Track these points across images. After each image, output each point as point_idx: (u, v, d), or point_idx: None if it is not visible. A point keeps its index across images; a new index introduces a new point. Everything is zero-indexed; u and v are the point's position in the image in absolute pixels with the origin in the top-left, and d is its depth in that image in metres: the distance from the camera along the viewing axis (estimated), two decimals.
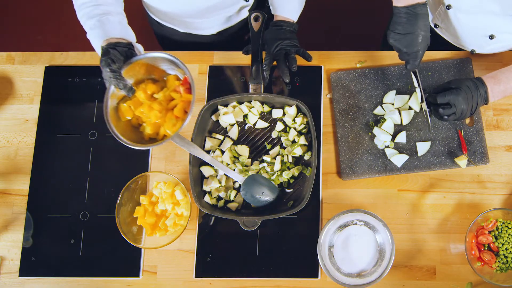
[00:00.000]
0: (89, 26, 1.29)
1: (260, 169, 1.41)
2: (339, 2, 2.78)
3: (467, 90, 1.29)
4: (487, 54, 1.51)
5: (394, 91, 1.46)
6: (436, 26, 1.50)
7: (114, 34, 1.27)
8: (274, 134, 1.45)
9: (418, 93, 1.39)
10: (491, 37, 1.39)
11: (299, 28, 1.47)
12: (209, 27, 1.60)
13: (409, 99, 1.45)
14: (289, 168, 1.42)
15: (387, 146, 1.43)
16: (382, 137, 1.42)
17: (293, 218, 1.41)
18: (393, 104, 1.46)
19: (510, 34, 1.38)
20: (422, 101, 1.38)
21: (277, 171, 1.41)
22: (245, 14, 1.61)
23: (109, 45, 1.23)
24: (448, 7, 1.38)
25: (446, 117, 1.31)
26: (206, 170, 1.42)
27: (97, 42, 1.27)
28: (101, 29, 1.27)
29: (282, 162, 1.41)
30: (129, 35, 1.31)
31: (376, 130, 1.43)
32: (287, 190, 1.42)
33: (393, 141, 1.43)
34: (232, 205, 1.40)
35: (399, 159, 1.41)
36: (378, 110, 1.46)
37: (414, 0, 1.22)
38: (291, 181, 1.42)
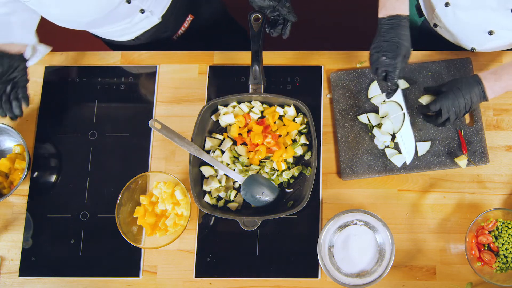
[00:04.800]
0: None
1: (260, 169, 1.41)
2: (339, 2, 2.78)
3: (458, 92, 1.29)
4: (487, 54, 1.51)
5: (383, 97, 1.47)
6: (435, 25, 1.50)
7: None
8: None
9: (406, 117, 1.38)
10: (490, 33, 1.39)
11: (299, 28, 1.47)
12: (120, 35, 1.55)
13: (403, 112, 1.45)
14: (289, 168, 1.42)
15: (387, 146, 1.43)
16: (382, 137, 1.42)
17: (293, 218, 1.41)
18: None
19: (509, 30, 1.38)
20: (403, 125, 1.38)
21: (277, 171, 1.41)
22: (152, 20, 1.54)
23: None
24: (447, 4, 1.38)
25: (441, 123, 1.34)
26: (206, 170, 1.42)
27: None
28: None
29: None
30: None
31: (375, 131, 1.43)
32: (287, 190, 1.42)
33: (393, 141, 1.43)
34: (232, 205, 1.40)
35: (399, 159, 1.41)
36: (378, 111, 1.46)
37: (394, 11, 1.26)
38: (291, 181, 1.42)
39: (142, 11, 1.45)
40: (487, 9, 1.32)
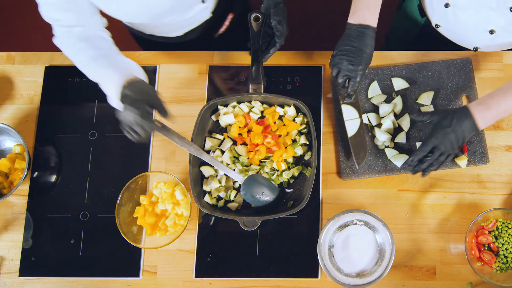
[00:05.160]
0: (89, 56, 1.27)
1: (260, 169, 1.41)
2: (340, 2, 2.78)
3: (448, 129, 1.26)
4: (487, 54, 1.51)
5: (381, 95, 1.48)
6: (437, 26, 1.50)
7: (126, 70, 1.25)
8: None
9: (362, 122, 1.39)
10: (491, 32, 1.39)
11: (299, 28, 1.47)
12: (171, 30, 1.55)
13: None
14: (289, 168, 1.42)
15: (387, 146, 1.43)
16: (382, 137, 1.42)
17: (293, 218, 1.41)
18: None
19: (509, 29, 1.38)
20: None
21: (277, 171, 1.41)
22: (205, 14, 1.55)
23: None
24: (446, 5, 1.38)
25: (434, 165, 1.30)
26: (206, 170, 1.42)
27: (112, 81, 1.22)
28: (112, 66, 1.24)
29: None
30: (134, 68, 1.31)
31: (376, 131, 1.43)
32: (287, 190, 1.42)
33: (393, 141, 1.43)
34: (232, 205, 1.40)
35: (399, 159, 1.41)
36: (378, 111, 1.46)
37: (365, 21, 1.28)
38: (291, 181, 1.42)
39: (204, 1, 1.45)
40: (487, 8, 1.32)
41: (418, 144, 1.42)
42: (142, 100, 1.18)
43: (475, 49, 1.49)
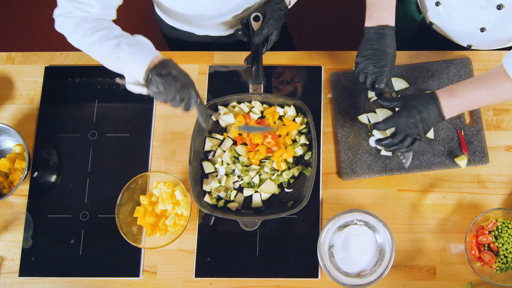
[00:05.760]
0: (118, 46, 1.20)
1: (260, 169, 1.41)
2: (340, 2, 2.78)
3: (413, 109, 1.23)
4: (487, 54, 1.51)
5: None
6: (431, 23, 1.51)
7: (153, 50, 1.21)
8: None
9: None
10: (482, 30, 1.40)
11: (300, 28, 1.47)
12: (226, 28, 1.56)
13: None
14: (289, 168, 1.42)
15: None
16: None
17: (293, 218, 1.41)
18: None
19: (499, 27, 1.39)
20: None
21: (277, 171, 1.41)
22: None
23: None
24: (437, 3, 1.39)
25: (395, 146, 1.28)
26: (207, 166, 1.42)
27: (139, 64, 1.17)
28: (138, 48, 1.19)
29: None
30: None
31: (375, 133, 1.42)
32: (287, 190, 1.42)
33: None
34: (232, 205, 1.40)
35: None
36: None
37: (383, 22, 1.27)
38: (291, 181, 1.42)
39: None
40: (476, 7, 1.33)
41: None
42: (183, 83, 1.18)
43: (469, 46, 1.50)
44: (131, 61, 1.18)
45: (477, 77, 1.23)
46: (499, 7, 1.29)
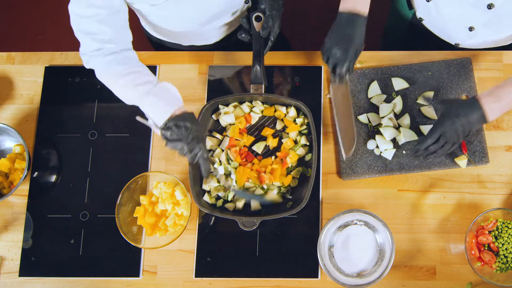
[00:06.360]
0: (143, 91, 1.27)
1: (255, 187, 1.41)
2: (340, 2, 2.78)
3: (456, 119, 1.25)
4: (487, 54, 1.51)
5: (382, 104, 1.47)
6: (421, 19, 1.51)
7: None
8: (278, 126, 1.45)
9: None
10: (470, 29, 1.40)
11: (300, 28, 1.47)
12: (212, 36, 1.56)
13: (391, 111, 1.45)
14: (290, 172, 1.42)
15: (387, 149, 1.42)
16: (383, 146, 1.41)
17: (293, 218, 1.41)
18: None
19: (487, 27, 1.39)
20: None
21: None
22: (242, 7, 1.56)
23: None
24: None
25: (439, 153, 1.29)
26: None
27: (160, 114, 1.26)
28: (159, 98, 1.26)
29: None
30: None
31: (378, 138, 1.42)
32: (288, 197, 1.41)
33: (395, 148, 1.43)
34: (231, 205, 1.40)
35: (390, 154, 1.41)
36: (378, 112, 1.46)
37: (355, 9, 1.28)
38: (293, 184, 1.41)
39: (247, 1, 1.46)
40: (466, 5, 1.34)
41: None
42: (193, 137, 1.25)
43: (456, 45, 1.50)
44: (155, 109, 1.26)
45: None
46: (490, 6, 1.30)
